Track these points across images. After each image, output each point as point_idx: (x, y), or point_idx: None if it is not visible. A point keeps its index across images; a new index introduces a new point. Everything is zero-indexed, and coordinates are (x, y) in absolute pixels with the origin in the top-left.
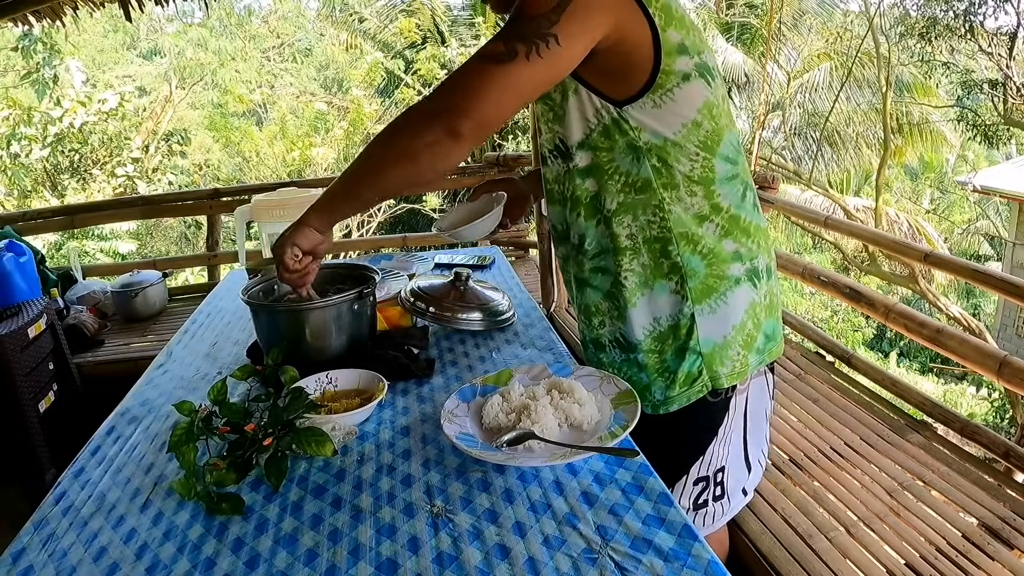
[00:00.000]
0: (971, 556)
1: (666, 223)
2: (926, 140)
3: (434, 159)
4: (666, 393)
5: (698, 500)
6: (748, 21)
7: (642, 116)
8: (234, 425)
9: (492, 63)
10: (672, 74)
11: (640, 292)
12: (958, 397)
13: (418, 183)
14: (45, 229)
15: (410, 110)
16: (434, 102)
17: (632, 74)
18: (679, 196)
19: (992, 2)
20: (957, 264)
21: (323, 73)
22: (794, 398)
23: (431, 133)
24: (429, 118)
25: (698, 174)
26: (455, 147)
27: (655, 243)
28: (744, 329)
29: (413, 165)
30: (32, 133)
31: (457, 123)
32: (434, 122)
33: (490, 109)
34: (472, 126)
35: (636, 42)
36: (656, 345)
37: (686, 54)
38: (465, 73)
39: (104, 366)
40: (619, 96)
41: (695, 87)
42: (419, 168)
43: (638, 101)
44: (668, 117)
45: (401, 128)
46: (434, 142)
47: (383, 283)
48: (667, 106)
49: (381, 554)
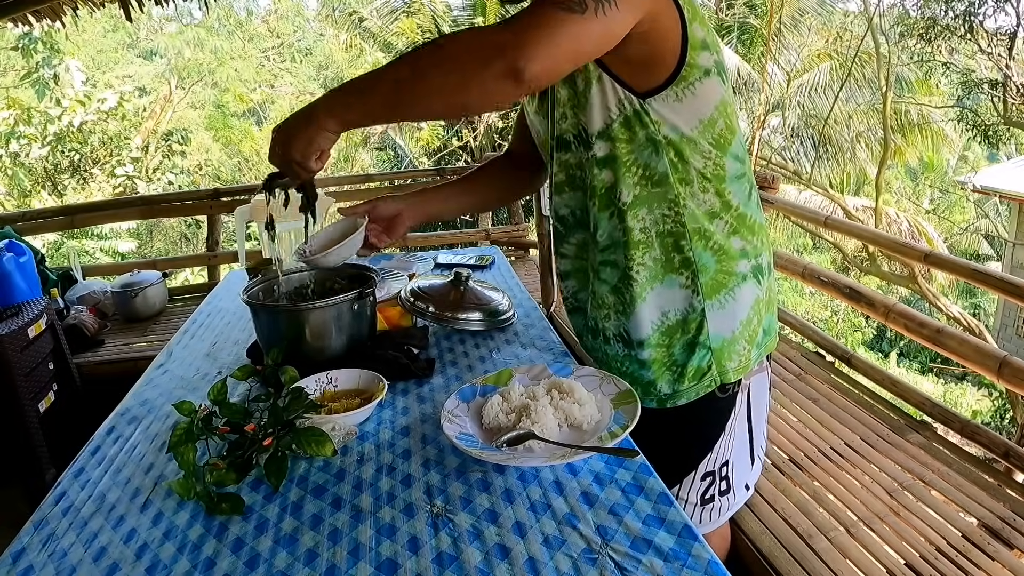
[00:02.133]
0: (971, 556)
1: (680, 218)
2: (926, 140)
3: (486, 96)
4: (674, 387)
5: (705, 495)
6: (748, 21)
7: (663, 109)
8: (234, 425)
9: (564, 11)
10: (696, 68)
11: (650, 286)
12: (959, 397)
13: (458, 114)
14: (45, 229)
15: (473, 35)
16: (503, 35)
17: (658, 64)
18: (693, 192)
19: (992, 2)
20: (957, 264)
21: (323, 73)
22: (794, 398)
23: (493, 68)
24: (495, 51)
25: (710, 171)
26: (513, 89)
27: (668, 237)
28: (750, 324)
29: (462, 96)
30: (32, 132)
31: (523, 64)
32: (499, 57)
33: (559, 57)
34: (536, 71)
35: (666, 31)
36: (664, 339)
37: (708, 50)
38: (537, 15)
39: (104, 366)
40: (642, 87)
41: (713, 84)
42: (468, 100)
43: (661, 93)
44: (687, 112)
45: (460, 53)
46: (493, 78)
47: (383, 283)
48: (687, 100)
49: (381, 554)
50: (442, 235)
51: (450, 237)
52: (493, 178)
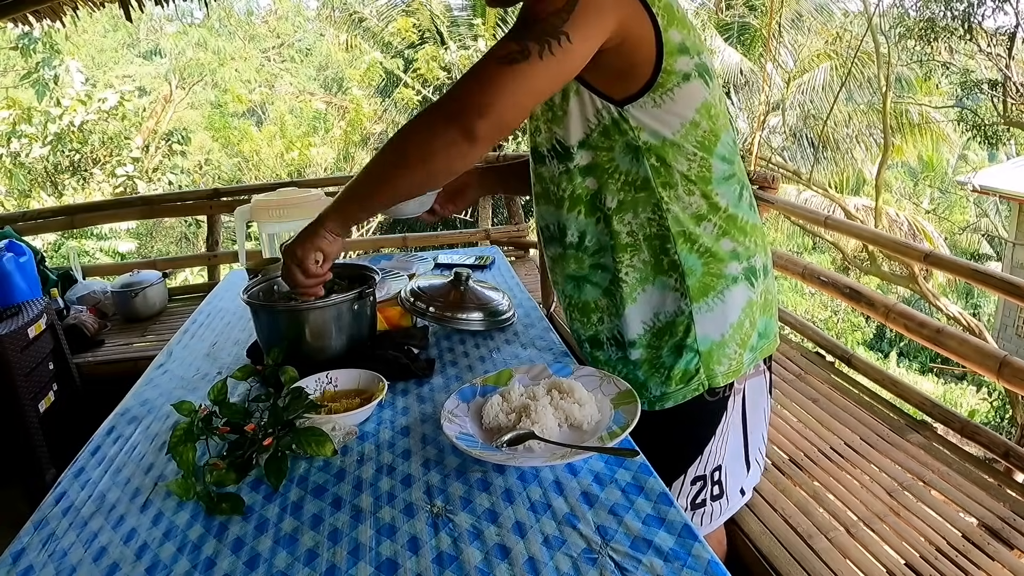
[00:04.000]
0: (971, 556)
1: (664, 221)
2: (926, 140)
3: (449, 161)
4: (662, 389)
5: (696, 500)
6: (748, 22)
7: (642, 115)
8: (234, 425)
9: (506, 63)
10: (673, 74)
11: (640, 288)
12: (959, 397)
13: (432, 186)
14: (45, 229)
15: (425, 112)
16: (449, 103)
17: (634, 73)
18: (677, 195)
19: (991, 2)
20: (957, 264)
21: (323, 73)
22: (794, 398)
23: (446, 135)
24: (445, 120)
25: (695, 173)
26: (471, 149)
27: (655, 240)
28: (741, 328)
29: (427, 168)
30: (32, 132)
31: (473, 124)
32: (450, 124)
33: (507, 110)
34: (488, 127)
35: (639, 40)
36: (653, 341)
37: (687, 54)
38: (480, 73)
39: (104, 366)
40: (620, 96)
41: (694, 87)
42: (433, 171)
43: (639, 100)
44: (667, 117)
45: (416, 131)
46: (449, 143)
47: (383, 283)
48: (667, 105)
49: (381, 554)
50: (442, 235)
51: (450, 237)
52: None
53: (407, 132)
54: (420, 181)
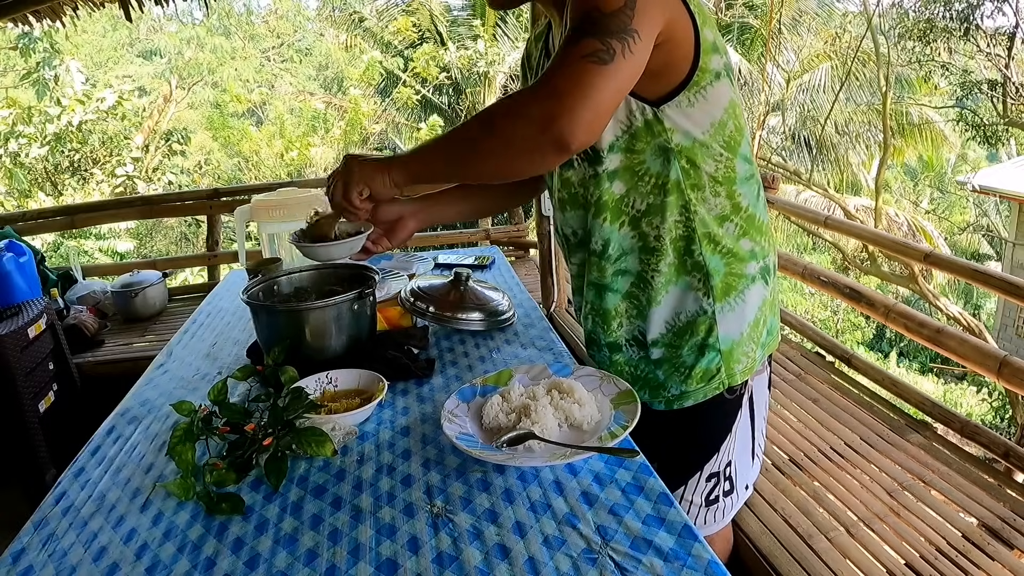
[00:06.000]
0: (971, 556)
1: (691, 223)
2: (926, 140)
3: (533, 166)
4: (681, 388)
5: (710, 496)
6: (747, 22)
7: (676, 115)
8: (234, 425)
9: (596, 63)
10: (708, 72)
11: (666, 289)
12: (959, 397)
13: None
14: (45, 229)
15: (517, 107)
16: (544, 105)
17: (671, 71)
18: (704, 197)
19: (990, 3)
20: (957, 264)
21: (322, 73)
22: (794, 398)
23: (540, 141)
24: (541, 126)
25: (722, 174)
26: (557, 159)
27: (680, 242)
28: (757, 326)
29: (510, 165)
30: (31, 132)
31: (567, 132)
32: (543, 131)
33: (601, 115)
34: (582, 139)
35: (681, 39)
36: (673, 340)
37: (718, 53)
38: (571, 74)
39: (104, 366)
40: (653, 95)
41: (723, 86)
42: (513, 170)
43: (674, 100)
44: (699, 116)
45: (508, 128)
46: (535, 149)
47: (383, 283)
48: (699, 104)
49: (381, 554)
50: (442, 235)
51: (450, 237)
52: (494, 185)
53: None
54: (499, 174)
